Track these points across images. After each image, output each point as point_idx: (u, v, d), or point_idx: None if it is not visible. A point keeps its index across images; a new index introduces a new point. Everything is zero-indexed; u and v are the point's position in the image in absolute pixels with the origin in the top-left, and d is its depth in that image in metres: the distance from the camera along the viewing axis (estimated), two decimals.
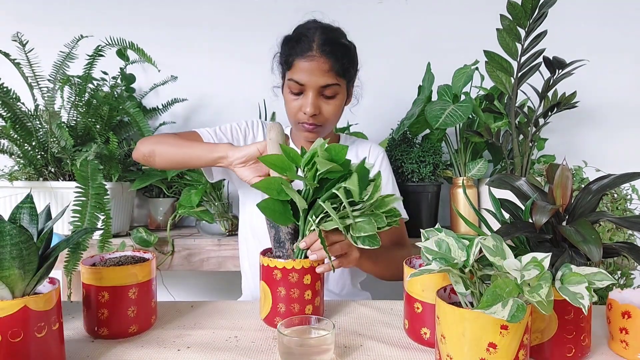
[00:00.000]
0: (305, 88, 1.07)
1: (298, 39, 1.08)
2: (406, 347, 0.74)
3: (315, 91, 1.07)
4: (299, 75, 1.06)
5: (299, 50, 1.06)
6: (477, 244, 0.60)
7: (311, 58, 1.05)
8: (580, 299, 0.56)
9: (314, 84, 1.06)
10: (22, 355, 0.59)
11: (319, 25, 1.11)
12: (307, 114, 1.07)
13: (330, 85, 1.07)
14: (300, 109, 1.08)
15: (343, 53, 1.08)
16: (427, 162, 1.49)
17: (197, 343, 0.75)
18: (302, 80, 1.06)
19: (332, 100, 1.09)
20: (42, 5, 1.76)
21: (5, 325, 0.57)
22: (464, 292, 0.63)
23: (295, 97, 1.09)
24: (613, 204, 1.32)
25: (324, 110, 1.09)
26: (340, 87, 1.10)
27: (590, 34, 1.74)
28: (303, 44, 1.06)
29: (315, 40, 1.06)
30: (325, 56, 1.05)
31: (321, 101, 1.09)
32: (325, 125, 1.12)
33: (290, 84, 1.08)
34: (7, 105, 1.34)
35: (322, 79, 1.06)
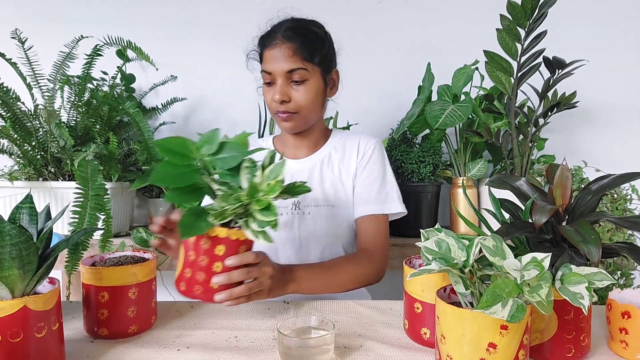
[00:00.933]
0: (274, 76, 1.07)
1: (267, 34, 1.11)
2: (406, 347, 0.74)
3: (282, 77, 1.06)
4: (266, 65, 1.08)
5: (266, 42, 1.09)
6: (477, 244, 0.60)
7: (274, 45, 1.07)
8: (580, 299, 0.56)
9: (279, 70, 1.06)
10: (22, 355, 0.59)
11: (290, 18, 1.13)
12: (276, 100, 1.06)
13: (296, 69, 1.05)
14: (273, 99, 1.08)
15: (309, 38, 1.08)
16: (427, 162, 1.49)
17: (197, 343, 0.75)
18: (269, 69, 1.07)
19: (301, 86, 1.07)
20: (42, 5, 1.76)
21: (5, 325, 0.57)
22: (464, 292, 0.63)
23: (268, 89, 1.10)
24: (613, 204, 1.32)
25: (294, 97, 1.07)
26: (309, 72, 1.07)
27: (590, 34, 1.74)
28: (270, 36, 1.09)
29: (280, 30, 1.08)
30: (288, 41, 1.06)
31: (290, 88, 1.07)
32: (301, 113, 1.09)
33: (262, 75, 1.10)
34: (7, 105, 1.34)
35: (285, 64, 1.05)
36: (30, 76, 1.41)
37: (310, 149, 1.20)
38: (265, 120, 1.70)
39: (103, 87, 1.58)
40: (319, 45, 1.10)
